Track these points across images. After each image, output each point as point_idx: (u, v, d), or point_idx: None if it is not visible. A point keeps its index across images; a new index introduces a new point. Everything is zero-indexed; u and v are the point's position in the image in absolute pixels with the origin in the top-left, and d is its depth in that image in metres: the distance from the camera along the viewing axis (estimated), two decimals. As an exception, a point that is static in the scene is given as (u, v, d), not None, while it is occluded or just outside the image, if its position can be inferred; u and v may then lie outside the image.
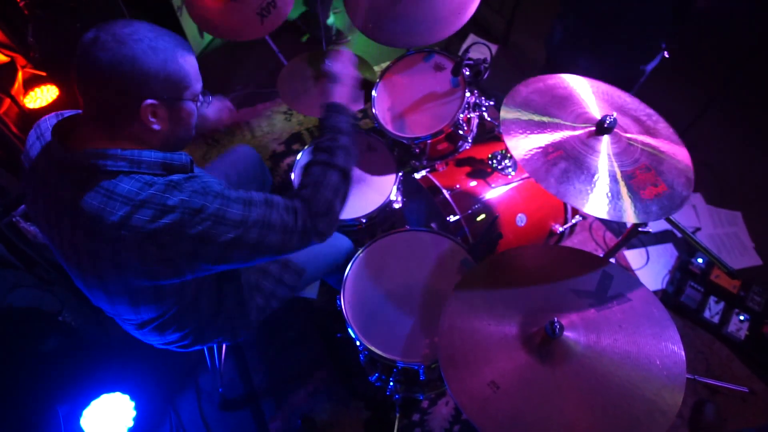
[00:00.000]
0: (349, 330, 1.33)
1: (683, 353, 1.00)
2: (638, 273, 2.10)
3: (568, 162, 1.09)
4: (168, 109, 0.88)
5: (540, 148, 1.12)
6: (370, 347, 1.29)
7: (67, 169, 0.86)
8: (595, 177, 1.07)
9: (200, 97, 0.95)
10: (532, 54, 2.87)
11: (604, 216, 1.03)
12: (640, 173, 1.08)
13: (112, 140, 0.87)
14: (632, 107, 1.26)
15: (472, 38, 2.89)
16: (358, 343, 1.32)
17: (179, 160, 0.91)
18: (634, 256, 2.15)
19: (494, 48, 2.92)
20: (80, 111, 0.91)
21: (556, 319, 1.02)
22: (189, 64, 0.90)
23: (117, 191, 0.84)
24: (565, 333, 1.03)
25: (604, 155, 1.10)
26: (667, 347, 1.02)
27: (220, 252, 0.90)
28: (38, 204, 0.93)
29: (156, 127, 0.88)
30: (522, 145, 1.13)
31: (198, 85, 0.93)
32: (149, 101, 0.84)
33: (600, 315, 1.08)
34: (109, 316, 1.13)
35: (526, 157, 1.11)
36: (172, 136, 0.92)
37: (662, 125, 1.23)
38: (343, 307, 1.35)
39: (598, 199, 1.04)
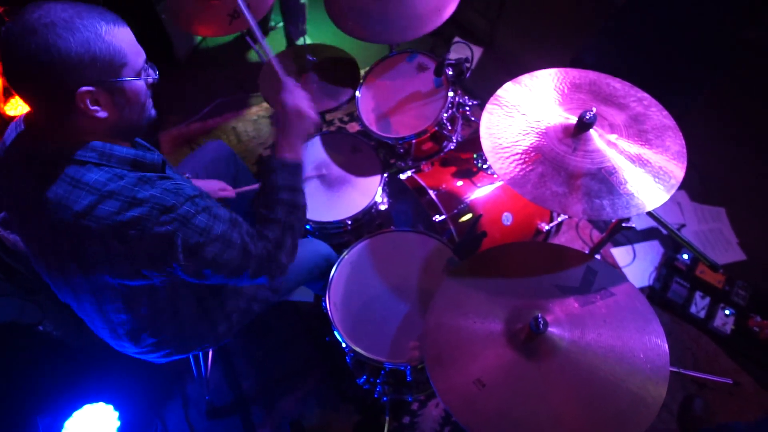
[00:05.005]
0: (335, 332, 1.32)
1: (666, 346, 1.01)
2: (625, 270, 2.11)
3: (545, 165, 1.09)
4: (108, 92, 0.81)
5: (518, 153, 1.13)
6: (356, 349, 1.28)
7: (31, 160, 0.84)
8: (572, 177, 1.07)
9: (146, 71, 0.87)
10: (518, 55, 2.90)
11: (581, 216, 1.03)
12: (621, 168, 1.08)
13: (68, 134, 0.83)
14: (621, 93, 1.23)
15: (457, 41, 2.91)
16: (344, 345, 1.31)
17: (151, 158, 0.89)
18: (620, 254, 2.17)
19: (479, 50, 2.94)
20: None
21: (540, 315, 1.02)
22: (120, 38, 0.80)
23: (84, 180, 0.81)
24: (550, 329, 1.03)
25: (583, 153, 1.11)
26: (651, 340, 1.02)
27: (182, 257, 0.87)
28: (9, 202, 0.91)
29: (101, 114, 0.82)
30: (500, 153, 1.14)
31: (138, 59, 0.85)
32: (84, 88, 0.77)
33: (584, 310, 1.08)
34: (84, 321, 1.11)
35: (504, 166, 1.11)
36: (124, 120, 0.86)
37: (654, 109, 1.20)
38: (328, 309, 1.34)
39: (576, 199, 1.04)
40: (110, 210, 0.80)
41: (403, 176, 1.66)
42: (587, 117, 1.10)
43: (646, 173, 1.08)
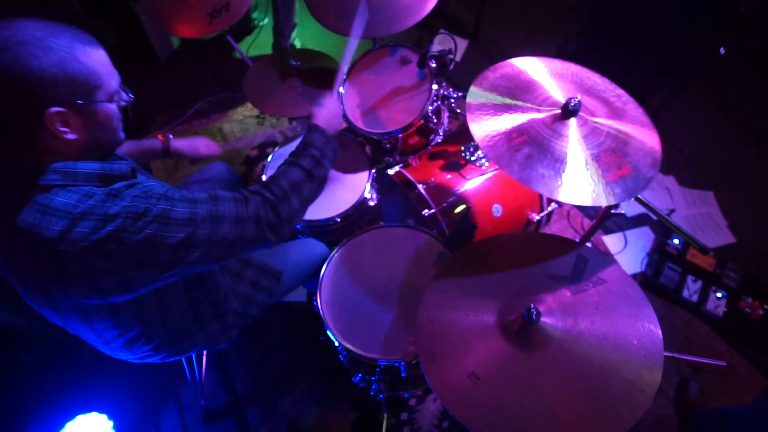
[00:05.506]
0: (327, 331, 1.30)
1: (660, 331, 1.00)
2: (617, 257, 2.12)
3: (531, 147, 1.08)
4: (79, 114, 0.79)
5: (504, 133, 1.12)
6: (349, 347, 1.27)
7: None
8: (559, 161, 1.06)
9: (118, 94, 0.86)
10: (504, 45, 2.89)
11: (568, 200, 1.02)
12: (604, 156, 1.08)
13: (33, 155, 0.80)
14: (601, 88, 1.24)
15: (442, 34, 2.89)
16: (336, 343, 1.29)
17: (119, 169, 0.86)
18: (612, 241, 2.17)
19: (465, 42, 2.93)
20: None
21: (532, 305, 1.01)
22: (94, 60, 0.79)
23: (53, 205, 0.78)
24: (543, 318, 1.02)
25: (568, 139, 1.10)
26: (644, 326, 1.01)
27: (174, 255, 0.85)
28: None
29: (70, 136, 0.79)
30: (486, 131, 1.12)
31: (112, 81, 0.83)
32: (54, 109, 0.75)
33: (576, 298, 1.07)
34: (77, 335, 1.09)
35: (490, 143, 1.10)
36: (93, 143, 0.84)
37: (631, 106, 1.22)
38: (320, 307, 1.32)
39: (561, 183, 1.03)
40: (85, 231, 0.78)
41: (391, 171, 1.65)
42: (572, 104, 1.09)
43: (628, 163, 1.08)
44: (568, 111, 1.11)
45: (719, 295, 1.95)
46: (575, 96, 1.10)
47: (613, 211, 1.32)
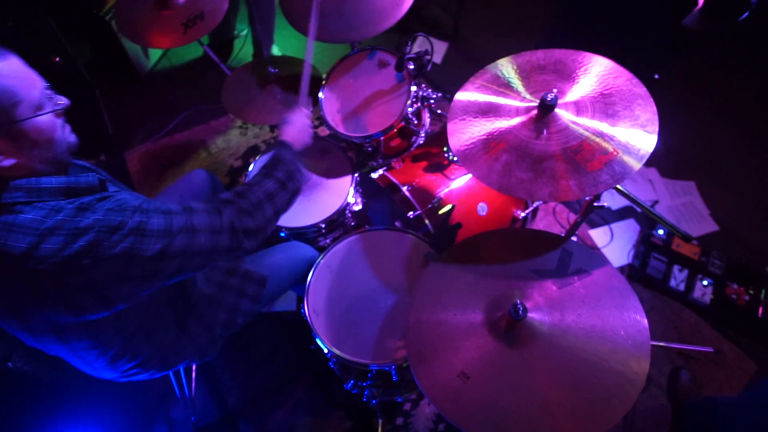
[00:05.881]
0: (316, 339, 1.29)
1: (646, 321, 1.01)
2: (604, 250, 2.13)
3: (509, 153, 1.08)
4: (7, 138, 0.73)
5: (482, 144, 1.12)
6: (338, 353, 1.25)
7: None
8: (537, 162, 1.06)
9: (49, 100, 0.80)
10: (483, 46, 2.92)
11: (549, 199, 1.02)
12: (587, 144, 1.06)
13: None
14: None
15: (423, 39, 2.91)
16: (326, 350, 1.28)
17: (86, 182, 0.84)
18: (598, 235, 2.19)
19: (445, 45, 2.95)
20: None
21: (519, 301, 1.00)
22: (6, 74, 0.72)
23: (18, 222, 0.76)
24: (530, 314, 1.02)
25: (548, 135, 1.10)
26: (630, 317, 1.02)
27: (151, 267, 0.84)
28: None
29: (7, 162, 0.74)
30: (463, 142, 1.13)
31: (32, 91, 0.76)
32: None
33: (563, 292, 1.07)
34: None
35: (468, 155, 1.10)
36: (37, 163, 0.80)
37: (623, 78, 1.14)
38: (307, 315, 1.31)
39: (542, 183, 1.03)
40: (54, 247, 0.75)
41: (374, 175, 1.64)
42: (549, 99, 1.09)
43: (614, 146, 1.06)
44: (546, 106, 1.11)
45: (705, 282, 1.97)
46: (551, 90, 1.11)
47: (595, 204, 1.33)
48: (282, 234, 1.61)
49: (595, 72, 1.18)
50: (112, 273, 0.80)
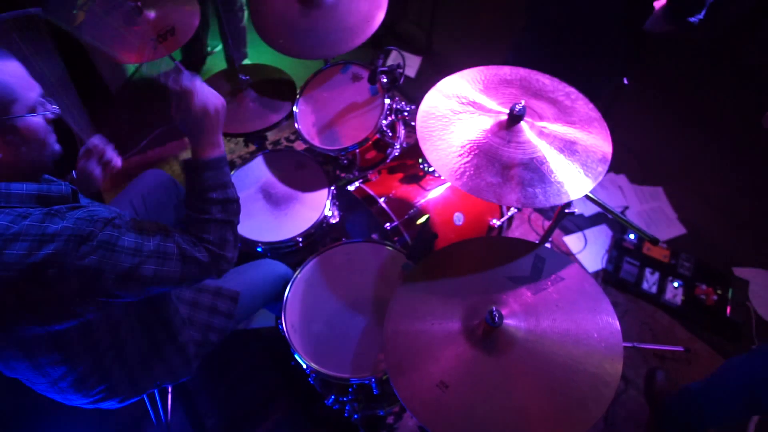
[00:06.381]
0: (295, 355, 1.27)
1: (618, 323, 1.03)
2: (579, 256, 2.18)
3: (480, 158, 1.11)
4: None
5: (453, 148, 1.14)
6: (317, 368, 1.23)
7: None
8: (506, 168, 1.09)
9: (42, 105, 0.83)
10: (455, 59, 2.98)
11: (517, 205, 1.05)
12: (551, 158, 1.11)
13: None
14: (550, 89, 1.27)
15: (396, 53, 2.97)
16: (305, 366, 1.26)
17: (58, 190, 0.83)
18: (573, 241, 2.24)
19: (419, 59, 3.00)
20: None
21: (494, 308, 1.01)
22: (6, 73, 0.78)
23: None
24: (506, 321, 1.03)
25: (516, 144, 1.13)
26: (603, 319, 1.04)
27: (116, 284, 0.82)
28: None
29: None
30: (436, 147, 1.15)
31: (30, 93, 0.81)
32: None
33: (537, 298, 1.09)
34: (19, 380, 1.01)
35: (442, 161, 1.12)
36: (22, 161, 0.82)
37: (581, 102, 1.24)
38: (285, 330, 1.29)
39: (510, 189, 1.06)
40: (19, 253, 0.73)
41: (351, 187, 1.65)
42: (517, 109, 1.13)
43: (575, 162, 1.12)
44: (514, 117, 1.15)
45: (676, 284, 2.03)
46: (519, 102, 1.14)
47: (566, 210, 1.36)
48: (259, 249, 1.60)
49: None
50: (77, 286, 0.78)
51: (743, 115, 2.70)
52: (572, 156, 1.13)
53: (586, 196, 1.23)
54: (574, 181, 1.09)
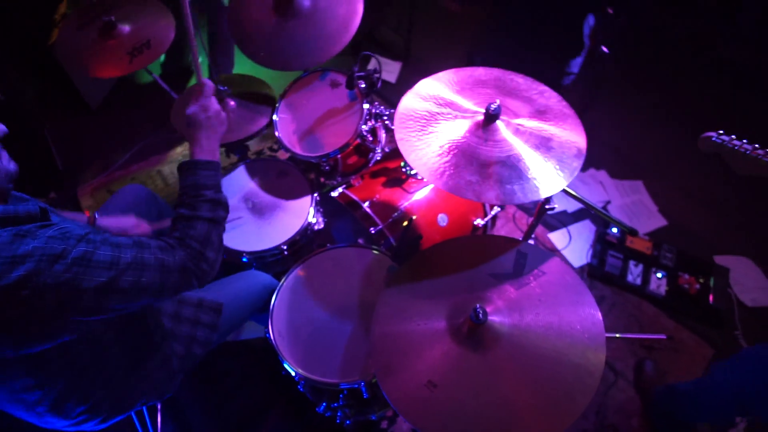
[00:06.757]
0: (283, 363, 1.26)
1: (599, 314, 1.05)
2: (564, 252, 2.21)
3: (458, 157, 1.12)
4: None
5: (432, 148, 1.16)
6: (306, 375, 1.23)
7: None
8: (484, 166, 1.11)
9: None
10: (433, 64, 3.00)
11: (496, 202, 1.06)
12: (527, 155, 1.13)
13: None
14: (524, 87, 1.30)
15: (375, 60, 3.00)
16: (293, 373, 1.25)
17: (26, 210, 0.81)
18: (557, 237, 2.26)
19: (398, 65, 3.03)
20: None
21: (478, 305, 1.02)
22: None
23: None
24: (491, 317, 1.04)
25: (493, 143, 1.15)
26: (585, 311, 1.06)
27: (95, 301, 0.80)
28: None
29: None
30: (415, 150, 1.16)
31: None
32: None
33: (520, 293, 1.10)
34: None
35: (421, 161, 1.14)
36: None
37: (554, 100, 1.27)
38: (273, 339, 1.29)
39: (489, 186, 1.08)
40: None
41: (334, 193, 1.65)
42: (492, 109, 1.15)
43: (551, 158, 1.14)
44: (490, 116, 1.17)
45: (659, 275, 2.06)
46: (494, 101, 1.16)
47: (547, 207, 1.39)
48: (244, 259, 1.59)
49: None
50: (54, 305, 0.77)
51: (719, 108, 2.77)
52: (548, 152, 1.16)
53: (564, 191, 1.25)
54: (550, 177, 1.12)
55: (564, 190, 1.24)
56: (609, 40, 1.81)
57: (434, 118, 1.23)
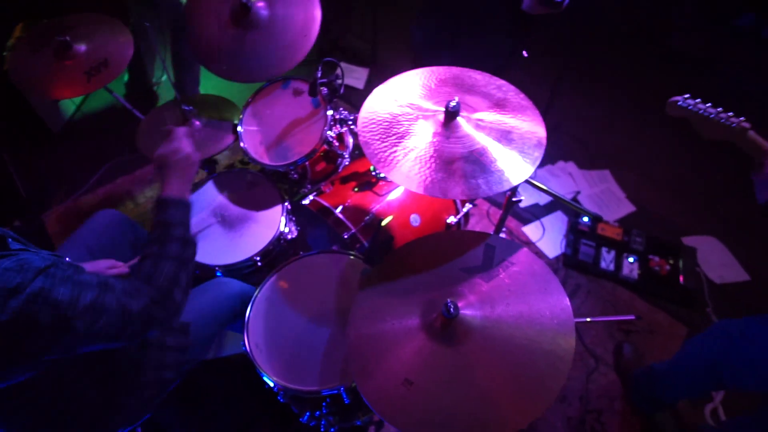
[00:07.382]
0: (261, 375, 1.25)
1: (567, 300, 1.07)
2: (539, 244, 2.24)
3: (423, 156, 1.14)
4: None
5: (397, 149, 1.17)
6: (286, 385, 1.22)
7: None
8: (449, 163, 1.13)
9: None
10: (400, 67, 3.04)
11: (462, 197, 1.08)
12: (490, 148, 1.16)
13: None
14: (482, 83, 1.32)
15: (342, 67, 3.02)
16: (272, 384, 1.24)
17: None
18: (531, 230, 2.30)
19: (366, 70, 3.05)
20: None
21: (449, 300, 1.03)
22: None
23: None
24: (463, 311, 1.05)
25: (455, 139, 1.17)
26: (553, 298, 1.08)
27: (49, 340, 0.77)
28: None
29: None
30: (380, 150, 1.18)
31: None
32: None
33: (490, 285, 1.12)
34: None
35: (386, 162, 1.15)
36: None
37: (512, 93, 1.30)
38: (249, 351, 1.27)
39: (454, 182, 1.10)
40: None
41: (305, 201, 1.65)
42: (451, 106, 1.17)
43: (513, 149, 1.16)
44: (450, 113, 1.19)
45: (631, 259, 2.12)
46: (453, 99, 1.19)
47: (514, 199, 1.42)
48: (218, 273, 1.57)
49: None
50: (4, 344, 0.73)
51: (671, 95, 2.88)
52: (509, 144, 1.18)
53: (528, 182, 1.28)
54: (513, 168, 1.14)
55: (528, 181, 1.27)
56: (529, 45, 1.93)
57: (397, 120, 1.24)
